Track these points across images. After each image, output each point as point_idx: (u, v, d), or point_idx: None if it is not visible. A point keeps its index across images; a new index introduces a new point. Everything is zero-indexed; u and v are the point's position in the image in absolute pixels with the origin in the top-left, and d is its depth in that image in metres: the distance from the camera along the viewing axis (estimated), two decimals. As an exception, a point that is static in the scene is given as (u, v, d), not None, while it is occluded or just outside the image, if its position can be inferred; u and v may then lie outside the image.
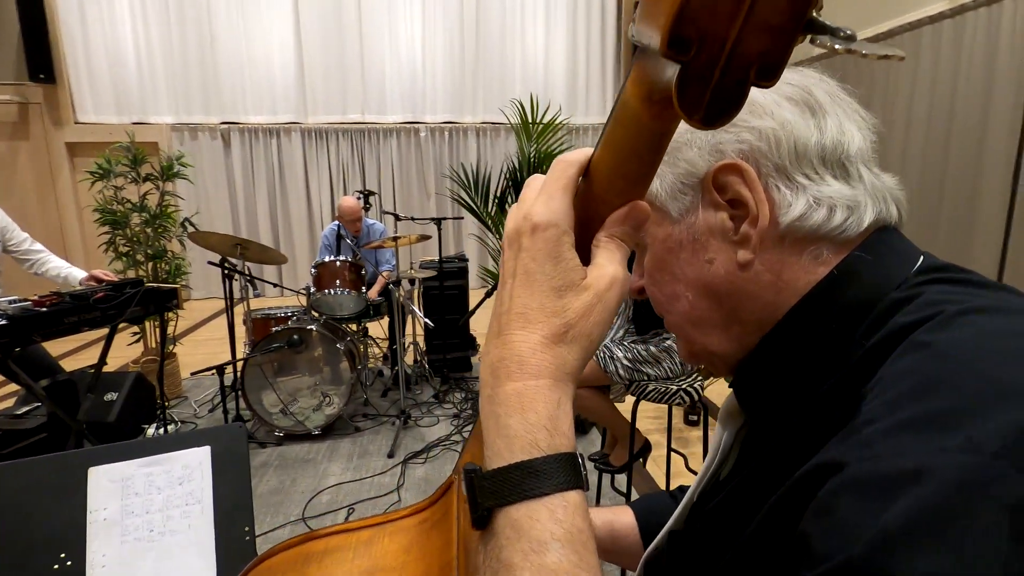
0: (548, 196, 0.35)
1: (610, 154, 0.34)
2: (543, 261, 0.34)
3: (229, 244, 3.15)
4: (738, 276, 0.42)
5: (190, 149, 6.70)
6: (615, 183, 0.35)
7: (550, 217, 0.34)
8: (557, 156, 0.39)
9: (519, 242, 0.35)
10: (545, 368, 0.32)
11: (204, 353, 4.79)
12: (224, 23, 6.67)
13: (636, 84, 0.31)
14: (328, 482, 2.70)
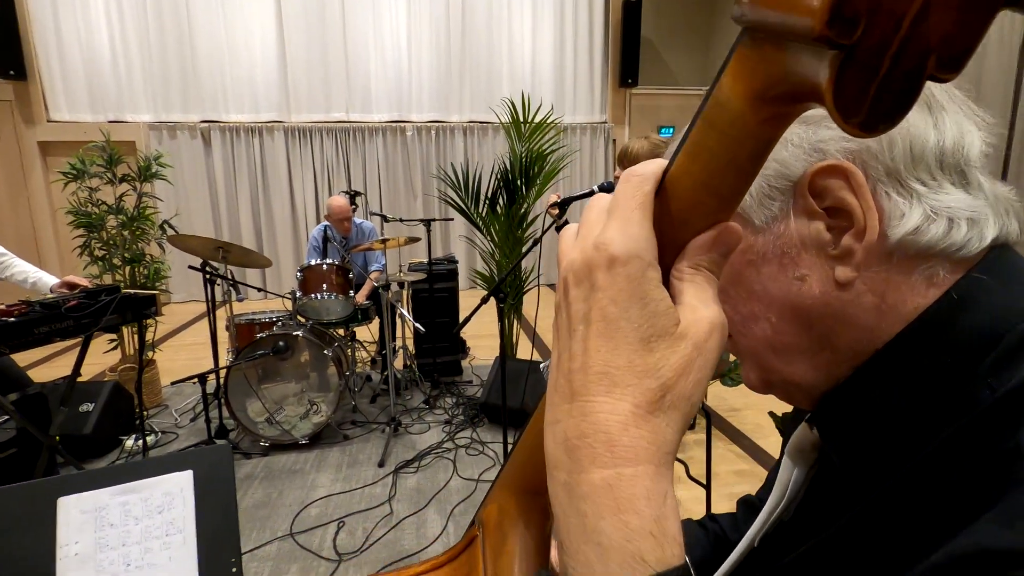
0: (624, 220, 0.28)
1: (697, 166, 0.27)
2: (627, 304, 0.27)
3: (210, 247, 3.03)
4: (835, 297, 0.36)
5: (169, 148, 6.51)
6: (702, 201, 0.28)
7: (631, 247, 0.27)
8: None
9: (591, 279, 0.28)
10: (642, 450, 0.25)
11: (185, 359, 4.65)
12: (203, 18, 6.50)
13: (741, 79, 0.24)
14: (317, 494, 2.61)
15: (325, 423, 3.05)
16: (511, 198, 3.40)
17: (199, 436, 3.16)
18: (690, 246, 0.29)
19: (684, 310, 0.27)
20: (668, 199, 0.29)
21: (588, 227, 0.30)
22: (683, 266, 0.29)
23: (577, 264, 0.29)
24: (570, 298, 0.29)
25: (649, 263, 0.27)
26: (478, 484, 2.68)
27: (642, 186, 0.29)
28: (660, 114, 7.67)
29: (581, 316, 0.28)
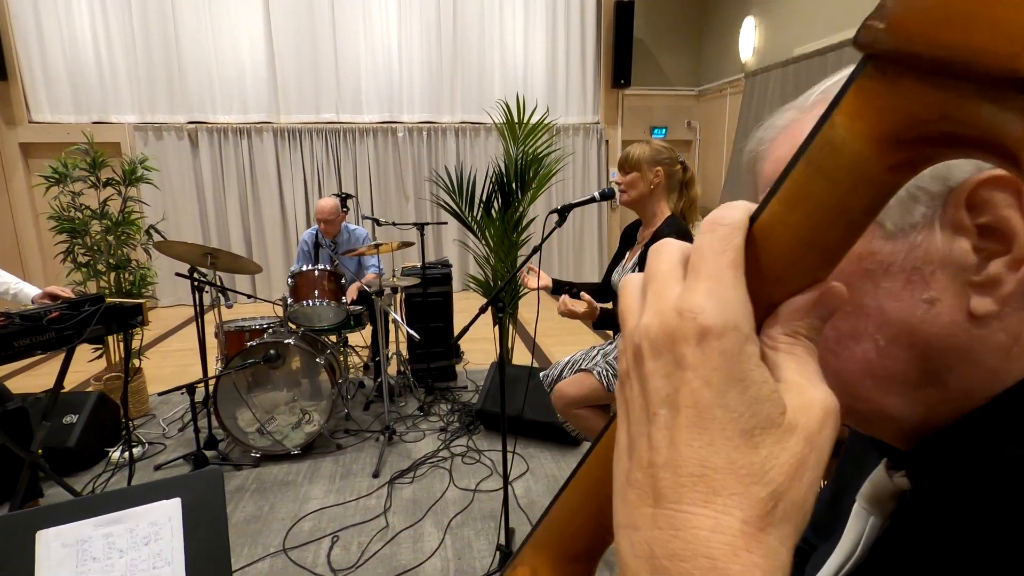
0: (714, 281, 0.23)
1: (797, 216, 0.23)
2: (723, 387, 0.22)
3: (198, 253, 2.96)
4: (963, 329, 0.31)
5: (155, 150, 6.40)
6: (801, 257, 0.23)
7: (727, 316, 0.22)
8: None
9: (676, 353, 0.23)
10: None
11: (173, 365, 4.56)
12: (190, 17, 6.38)
13: (864, 117, 0.20)
14: (310, 507, 2.55)
15: (318, 432, 2.98)
16: (506, 202, 3.35)
17: (188, 447, 3.08)
18: (785, 309, 0.24)
19: (787, 391, 0.22)
20: (757, 253, 0.24)
21: (661, 283, 0.25)
22: (777, 333, 0.24)
23: (654, 331, 0.24)
24: (646, 372, 0.24)
25: (747, 336, 0.22)
26: (475, 494, 2.63)
27: (731, 238, 0.24)
28: (653, 115, 7.66)
29: (663, 398, 0.23)
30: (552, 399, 1.94)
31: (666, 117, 7.68)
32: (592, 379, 1.86)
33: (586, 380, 1.88)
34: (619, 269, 1.94)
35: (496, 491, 2.64)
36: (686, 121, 7.70)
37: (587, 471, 0.37)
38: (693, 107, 7.69)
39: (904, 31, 0.18)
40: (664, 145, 1.84)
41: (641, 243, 1.86)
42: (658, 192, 1.81)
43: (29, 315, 1.97)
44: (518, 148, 3.37)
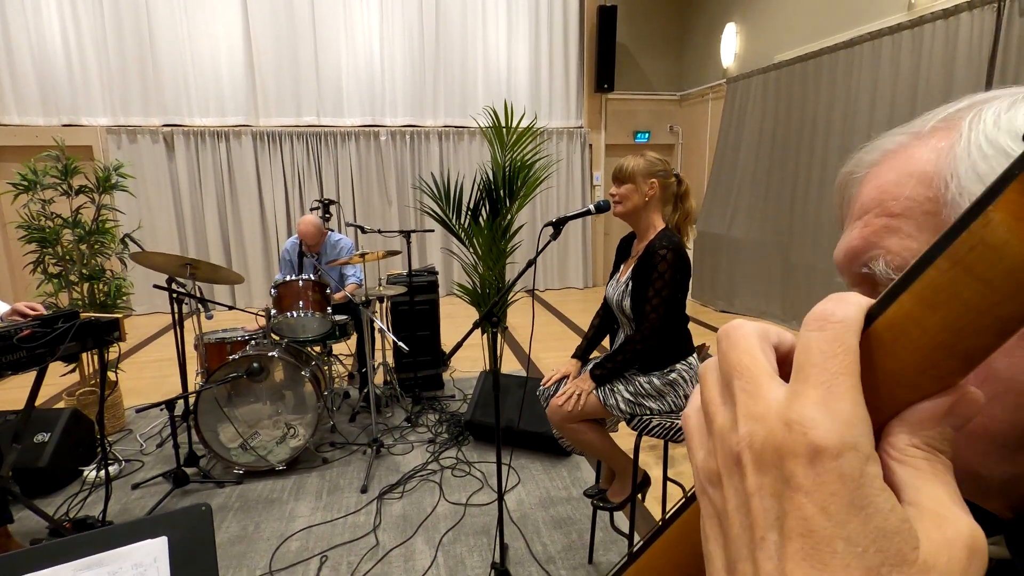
0: (827, 390, 0.20)
1: (938, 319, 0.20)
2: (843, 516, 0.19)
3: (178, 264, 2.86)
4: None
5: (128, 153, 6.22)
6: (939, 362, 0.20)
7: (845, 434, 0.19)
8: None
9: (784, 470, 0.20)
10: None
11: (150, 377, 4.42)
12: (164, 15, 6.21)
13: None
14: (297, 525, 2.47)
15: (303, 447, 2.91)
16: (494, 209, 3.31)
17: (167, 464, 2.98)
18: (913, 416, 0.21)
19: (921, 520, 0.19)
20: (882, 353, 0.21)
21: (754, 382, 0.22)
22: (904, 444, 0.21)
23: (758, 441, 0.21)
24: (748, 486, 0.21)
25: (868, 456, 0.19)
26: (466, 509, 2.58)
27: (845, 338, 0.21)
28: (636, 119, 7.70)
29: (772, 520, 0.20)
30: (548, 413, 1.90)
31: (649, 121, 7.72)
32: (591, 396, 1.83)
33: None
34: (613, 283, 1.92)
35: (488, 505, 2.60)
36: (669, 125, 7.76)
37: (668, 551, 0.33)
38: (675, 111, 7.75)
39: None
40: (659, 157, 1.82)
41: (635, 256, 1.84)
42: (652, 204, 1.80)
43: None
44: (506, 155, 3.33)
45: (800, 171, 5.35)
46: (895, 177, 0.33)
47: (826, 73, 4.99)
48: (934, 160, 0.31)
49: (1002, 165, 0.28)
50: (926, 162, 0.31)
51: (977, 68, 3.75)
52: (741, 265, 6.09)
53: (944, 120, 0.33)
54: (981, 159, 0.29)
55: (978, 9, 3.71)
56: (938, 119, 0.34)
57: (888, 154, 0.35)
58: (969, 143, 0.30)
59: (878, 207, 0.33)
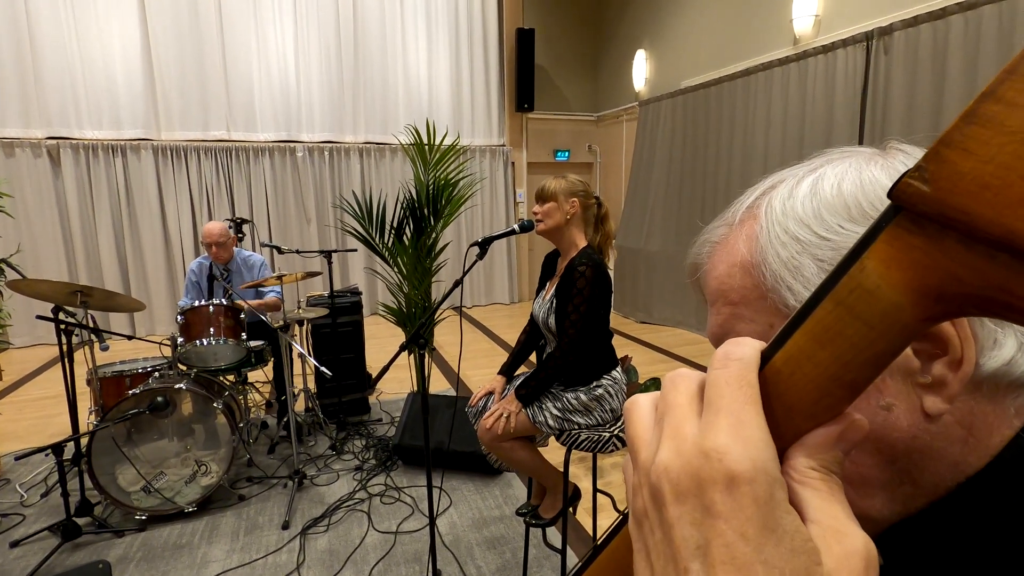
0: (736, 420, 0.22)
1: (827, 354, 0.22)
2: (759, 540, 0.20)
3: (66, 292, 2.60)
4: (922, 429, 0.32)
5: (5, 169, 5.60)
6: (829, 392, 0.23)
7: (755, 459, 0.21)
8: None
9: (703, 499, 0.21)
10: None
11: (31, 418, 3.96)
12: (46, 16, 5.66)
13: (901, 269, 0.20)
14: (210, 570, 2.29)
15: (216, 484, 2.70)
16: (418, 228, 3.28)
17: (54, 515, 2.67)
18: (812, 441, 0.23)
19: (822, 537, 0.21)
20: (780, 384, 0.23)
21: (679, 417, 0.24)
22: (803, 467, 0.23)
23: (675, 472, 0.22)
24: (669, 518, 0.22)
25: (776, 479, 0.21)
26: (396, 537, 2.50)
27: (746, 374, 0.23)
28: (556, 138, 7.93)
29: (694, 549, 0.21)
30: (478, 433, 1.89)
31: (568, 141, 7.98)
32: (521, 414, 1.84)
33: (511, 412, 1.86)
34: (539, 300, 1.95)
35: (419, 531, 2.54)
36: (587, 144, 8.06)
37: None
38: (593, 131, 8.07)
39: (955, 204, 0.18)
40: (580, 179, 1.89)
41: (559, 274, 1.88)
42: (574, 222, 1.85)
43: None
44: (429, 173, 3.32)
45: (707, 188, 5.73)
46: (725, 269, 0.38)
47: (726, 99, 5.39)
48: (748, 251, 0.37)
49: (794, 250, 0.34)
50: (743, 253, 0.37)
51: (852, 97, 4.20)
52: (658, 278, 6.40)
53: (748, 210, 0.39)
54: (781, 247, 0.35)
55: (851, 47, 4.17)
56: (744, 208, 0.39)
57: (716, 246, 0.40)
58: (768, 233, 0.36)
59: (721, 298, 0.39)
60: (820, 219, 0.34)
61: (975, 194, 0.17)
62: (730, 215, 0.40)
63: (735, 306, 0.37)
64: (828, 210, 0.34)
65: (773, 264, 0.35)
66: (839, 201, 0.34)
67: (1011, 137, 0.16)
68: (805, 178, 0.36)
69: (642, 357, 5.09)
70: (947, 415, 0.32)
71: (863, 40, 4.09)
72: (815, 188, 0.35)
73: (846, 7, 4.33)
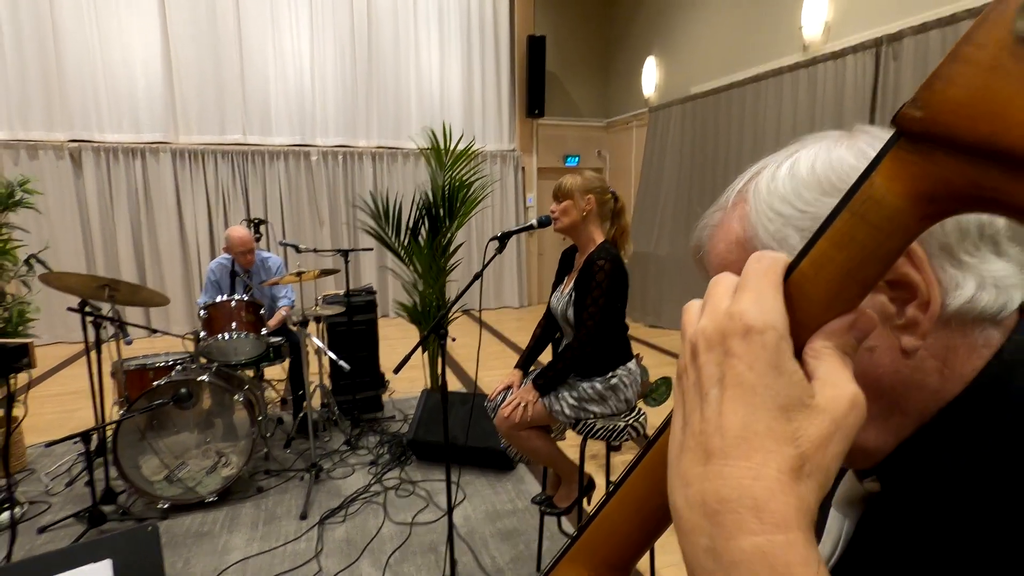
0: (757, 293, 0.29)
1: (843, 255, 0.28)
2: (763, 371, 0.27)
3: (94, 286, 2.68)
4: (903, 364, 0.38)
5: (28, 170, 5.73)
6: (844, 287, 0.29)
7: (767, 318, 0.28)
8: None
9: (725, 345, 0.28)
10: (791, 516, 0.25)
11: (54, 412, 4.05)
12: (71, 21, 5.81)
13: (900, 180, 0.26)
14: (231, 558, 2.35)
15: (236, 476, 2.77)
16: (434, 228, 3.35)
17: (79, 503, 2.74)
18: (828, 328, 0.29)
19: (821, 385, 0.28)
20: (806, 283, 0.29)
21: (716, 299, 0.31)
22: (819, 344, 0.29)
23: (709, 330, 0.30)
24: (700, 362, 0.30)
25: (783, 335, 0.28)
26: (412, 528, 2.55)
27: (773, 266, 0.30)
28: (566, 143, 8.01)
29: (715, 380, 0.29)
30: (496, 423, 1.95)
31: (578, 146, 8.06)
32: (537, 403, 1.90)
33: (528, 403, 1.92)
34: (557, 294, 2.01)
35: (434, 523, 2.59)
36: (597, 150, 8.13)
37: (630, 488, 0.40)
38: (603, 137, 8.14)
39: (942, 121, 0.23)
40: (595, 175, 1.95)
41: (577, 269, 1.94)
42: (590, 219, 1.91)
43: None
44: (444, 174, 3.39)
45: (717, 193, 5.71)
46: (724, 246, 0.45)
47: (736, 105, 5.45)
48: (741, 229, 0.43)
49: (779, 224, 0.40)
50: (738, 231, 0.44)
51: (862, 103, 4.24)
52: (667, 282, 6.44)
53: (738, 194, 0.46)
54: (768, 222, 0.41)
55: (860, 53, 4.22)
56: (735, 193, 0.46)
57: (714, 228, 0.47)
58: (757, 212, 0.42)
59: (723, 271, 0.45)
60: (799, 196, 0.40)
61: (955, 111, 0.23)
62: (723, 200, 0.47)
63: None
64: (805, 187, 0.40)
65: (763, 237, 0.41)
66: (813, 179, 0.40)
67: (980, 68, 0.22)
68: (784, 162, 0.42)
69: (652, 359, 5.13)
70: (922, 351, 0.38)
71: (872, 46, 4.14)
72: (793, 170, 0.41)
73: (855, 14, 4.38)
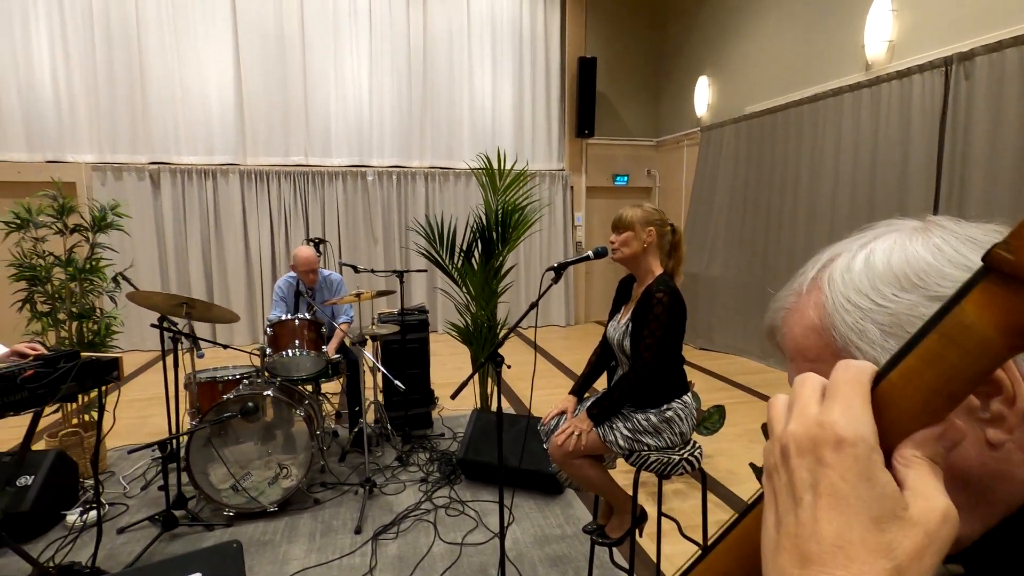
0: (846, 404, 0.31)
1: (932, 373, 0.30)
2: (856, 482, 0.29)
3: (174, 303, 2.88)
4: (989, 456, 0.39)
5: (113, 191, 6.22)
6: (931, 401, 0.31)
7: (857, 431, 0.30)
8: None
9: (817, 453, 0.30)
10: None
11: (130, 417, 4.33)
12: (156, 56, 6.32)
13: (991, 311, 0.29)
14: (291, 568, 2.45)
15: (296, 487, 2.89)
16: (487, 250, 3.43)
17: (152, 506, 2.93)
18: (918, 437, 0.31)
19: (913, 496, 0.29)
20: (895, 394, 0.32)
21: (803, 403, 0.33)
22: (908, 453, 0.31)
23: (799, 435, 0.32)
24: (791, 465, 0.32)
25: (873, 446, 0.30)
26: (462, 548, 2.59)
27: (860, 377, 0.32)
28: (615, 162, 8.01)
29: (808, 485, 0.30)
30: (549, 450, 1.97)
31: (627, 165, 8.04)
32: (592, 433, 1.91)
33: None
34: (614, 323, 2.02)
35: (484, 544, 2.61)
36: (646, 169, 8.08)
37: (716, 562, 0.43)
38: (652, 156, 8.10)
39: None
40: (655, 208, 1.96)
41: (635, 299, 1.95)
42: (650, 251, 1.93)
43: (3, 375, 1.88)
44: (498, 198, 3.47)
45: (772, 214, 5.63)
46: (800, 331, 0.46)
47: (793, 125, 5.33)
48: (817, 316, 0.44)
49: (857, 316, 0.42)
50: (813, 318, 0.45)
51: (931, 125, 4.08)
52: (719, 304, 6.30)
53: (812, 281, 0.47)
54: (845, 313, 0.42)
55: (928, 72, 4.06)
56: (808, 280, 0.47)
57: (788, 311, 0.48)
58: (833, 302, 0.43)
59: (800, 355, 0.46)
60: (876, 290, 0.41)
61: None
62: (797, 285, 0.48)
63: (814, 363, 0.44)
64: (882, 281, 0.41)
65: (840, 328, 0.42)
66: (890, 274, 0.41)
67: None
68: (858, 253, 0.44)
69: (703, 384, 5.02)
70: (1008, 443, 0.39)
71: (941, 65, 3.98)
72: (868, 262, 0.42)
73: (922, 31, 4.23)
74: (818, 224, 5.06)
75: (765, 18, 5.83)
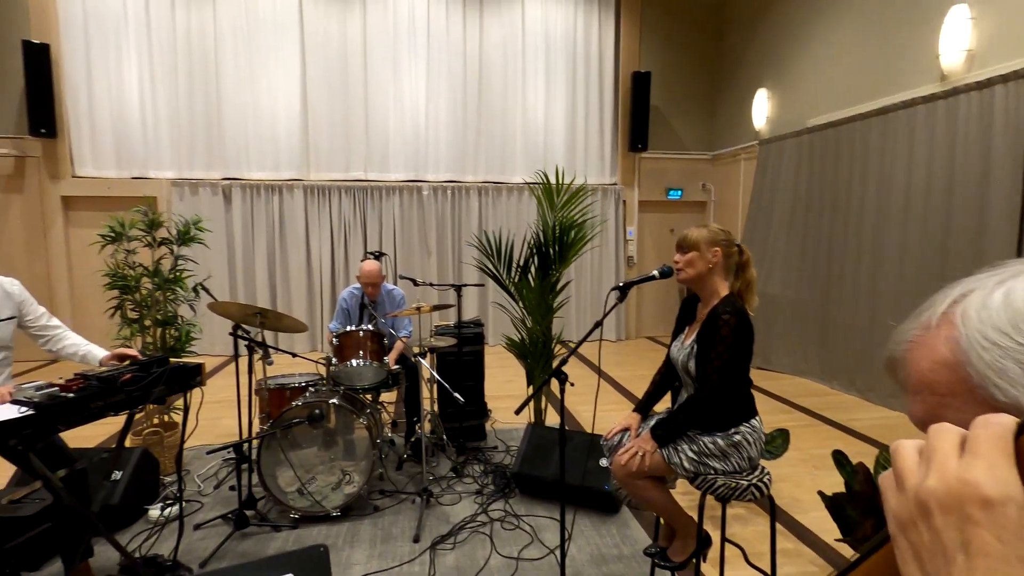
0: (990, 463, 0.31)
1: None
2: (1011, 543, 0.30)
3: (248, 313, 3.05)
4: None
5: (189, 205, 6.64)
6: None
7: (1005, 491, 0.30)
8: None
9: (963, 512, 0.31)
10: None
11: (205, 419, 4.57)
12: (232, 80, 6.75)
13: None
14: (355, 572, 2.53)
15: (357, 493, 2.99)
16: (544, 266, 3.46)
17: (225, 505, 3.09)
18: None
19: None
20: None
21: (943, 457, 0.33)
22: None
23: (941, 493, 0.32)
24: (935, 524, 0.32)
25: (1021, 505, 0.30)
26: (518, 563, 2.60)
27: (1004, 433, 0.32)
28: (668, 177, 7.92)
29: (958, 544, 0.31)
30: (612, 468, 1.97)
31: (681, 179, 7.94)
32: (656, 454, 1.90)
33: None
34: (678, 344, 2.01)
35: (540, 560, 2.62)
36: (701, 183, 7.95)
37: None
38: (707, 170, 7.96)
39: None
40: (721, 228, 1.95)
41: (700, 320, 1.94)
42: (716, 271, 1.91)
43: (105, 377, 2.05)
44: (555, 215, 3.51)
45: (836, 232, 5.43)
46: (928, 365, 0.45)
47: (859, 138, 5.14)
48: (949, 351, 0.43)
49: (996, 354, 0.41)
50: (945, 353, 0.44)
51: (1014, 139, 3.85)
52: (779, 323, 6.10)
53: (943, 316, 0.45)
54: (983, 351, 0.41)
55: (1012, 83, 3.85)
56: (939, 315, 0.46)
57: (912, 344, 0.47)
58: (968, 338, 0.42)
59: (926, 389, 0.45)
60: (1017, 329, 0.41)
61: None
62: (924, 319, 0.47)
63: (943, 397, 0.44)
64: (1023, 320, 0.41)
65: (977, 365, 0.41)
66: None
67: None
68: (995, 290, 0.43)
69: (762, 406, 4.83)
70: None
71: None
72: (1008, 300, 0.42)
73: (1004, 40, 4.02)
74: (885, 244, 4.84)
75: (830, 29, 5.67)
